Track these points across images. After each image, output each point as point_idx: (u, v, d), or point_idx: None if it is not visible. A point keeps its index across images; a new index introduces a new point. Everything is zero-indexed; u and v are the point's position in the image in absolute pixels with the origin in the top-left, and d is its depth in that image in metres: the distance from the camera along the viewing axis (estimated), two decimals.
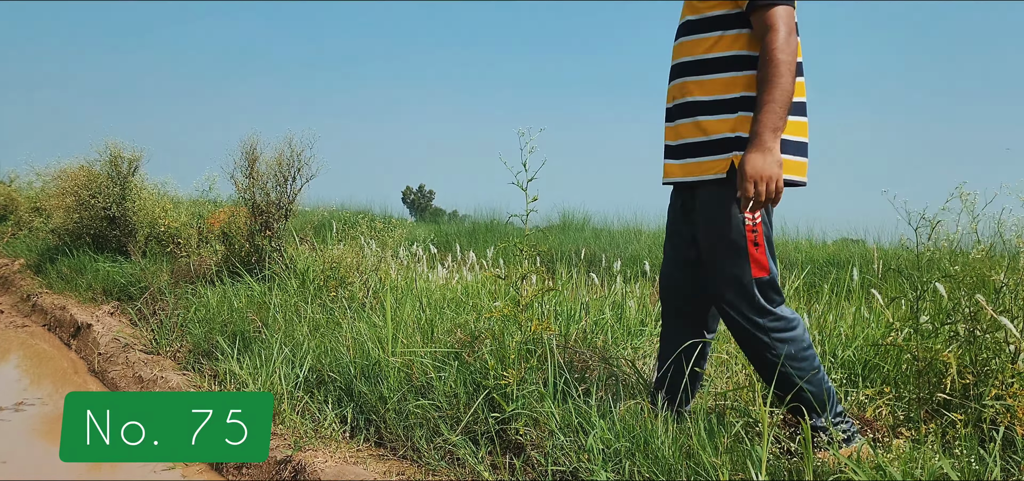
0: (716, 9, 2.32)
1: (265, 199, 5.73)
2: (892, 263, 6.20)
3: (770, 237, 2.31)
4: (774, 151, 2.14)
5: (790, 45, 2.16)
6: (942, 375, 2.47)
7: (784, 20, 2.17)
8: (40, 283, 7.67)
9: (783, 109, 2.15)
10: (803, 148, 2.32)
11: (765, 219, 2.29)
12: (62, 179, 8.43)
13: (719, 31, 2.31)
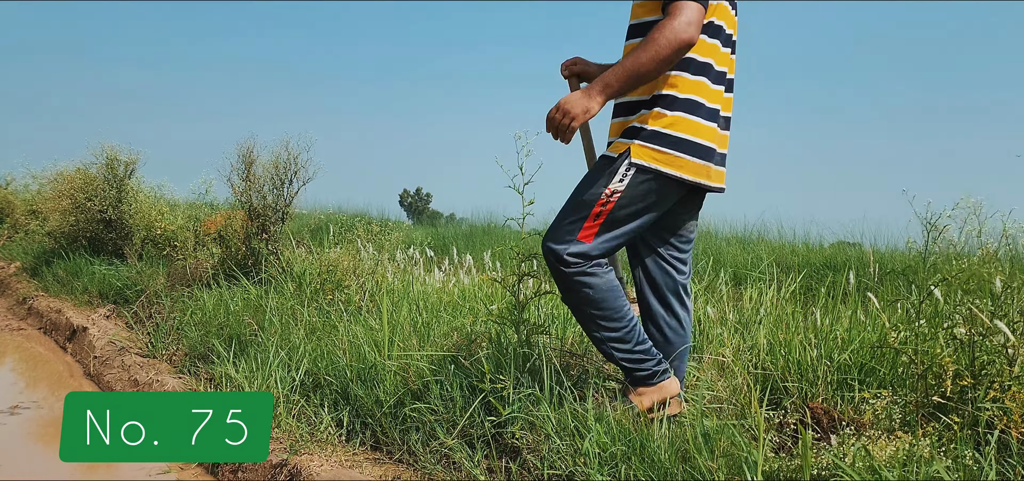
0: (647, 16, 2.45)
1: (262, 202, 5.72)
2: (888, 266, 6.22)
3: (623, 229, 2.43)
4: (592, 100, 2.29)
5: (676, 34, 2.22)
6: (939, 378, 2.48)
7: (685, 13, 2.23)
8: (36, 286, 7.65)
9: (628, 79, 2.26)
10: (702, 150, 2.40)
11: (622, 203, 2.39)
12: (58, 182, 8.43)
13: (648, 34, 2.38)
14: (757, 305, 4.07)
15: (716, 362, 3.26)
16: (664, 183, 2.40)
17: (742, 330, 3.71)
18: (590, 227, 2.41)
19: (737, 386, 3.00)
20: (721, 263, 7.70)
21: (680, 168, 2.38)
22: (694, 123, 2.39)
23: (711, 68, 2.41)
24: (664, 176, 2.39)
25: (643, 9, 2.47)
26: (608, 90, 2.29)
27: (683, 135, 2.38)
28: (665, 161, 2.38)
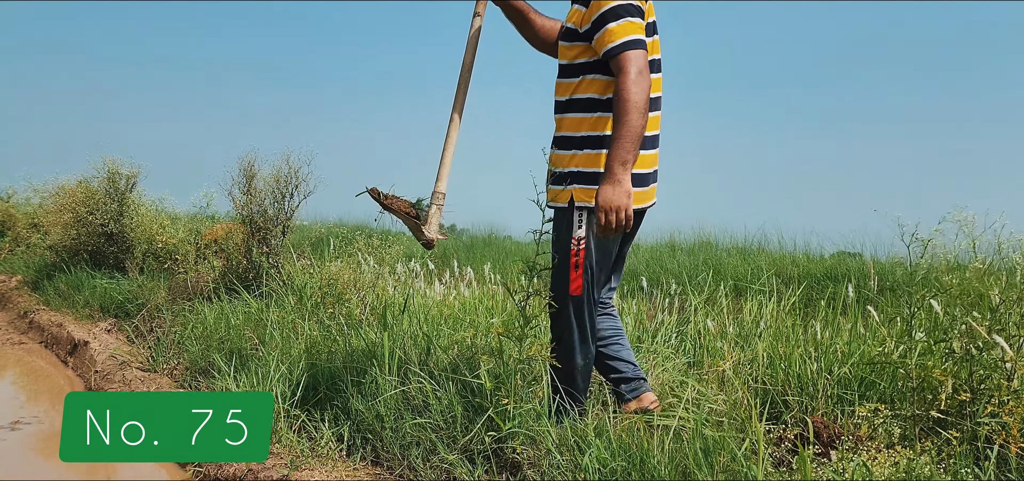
0: (580, 57, 2.60)
1: (263, 216, 5.73)
2: (889, 278, 6.22)
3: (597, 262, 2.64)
4: (624, 183, 2.42)
5: (640, 85, 2.41)
6: (938, 392, 2.48)
7: (634, 62, 2.42)
8: (37, 300, 7.66)
9: (633, 144, 2.41)
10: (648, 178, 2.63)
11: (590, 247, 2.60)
12: (60, 196, 8.45)
13: (580, 76, 2.61)
14: (757, 318, 4.08)
15: (716, 375, 3.27)
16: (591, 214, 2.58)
17: (742, 343, 3.72)
18: (576, 278, 2.62)
19: (737, 400, 3.00)
20: (721, 274, 7.71)
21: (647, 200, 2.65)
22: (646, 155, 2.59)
23: (657, 101, 2.62)
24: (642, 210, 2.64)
25: (573, 51, 2.63)
26: (628, 165, 2.43)
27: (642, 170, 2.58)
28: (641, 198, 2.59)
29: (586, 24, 2.55)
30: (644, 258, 9.06)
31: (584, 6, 2.57)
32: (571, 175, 2.61)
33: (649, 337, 3.99)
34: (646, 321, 4.29)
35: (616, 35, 2.46)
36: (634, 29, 2.47)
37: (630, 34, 2.46)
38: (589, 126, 2.59)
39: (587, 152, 2.59)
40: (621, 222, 2.45)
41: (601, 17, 2.49)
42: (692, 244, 10.09)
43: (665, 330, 4.06)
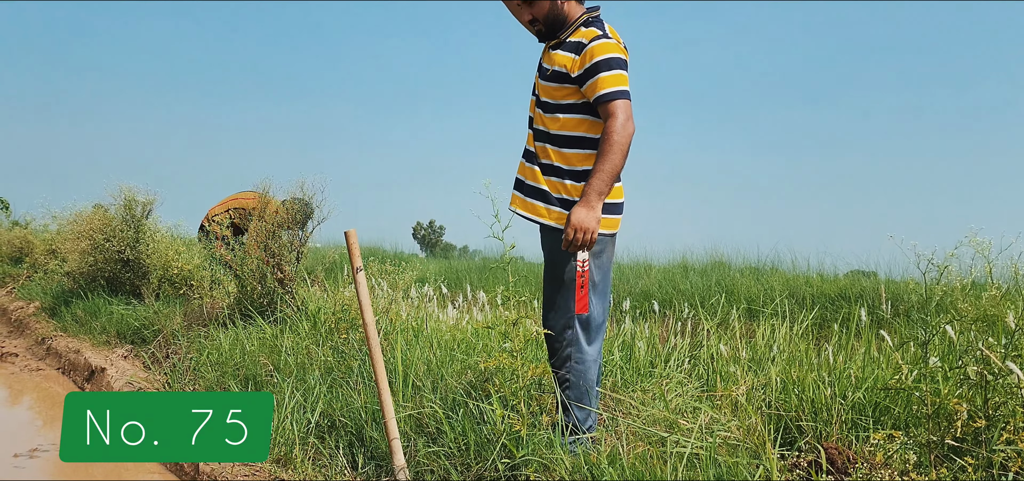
0: (569, 98, 2.89)
1: (277, 242, 5.78)
2: (903, 300, 6.19)
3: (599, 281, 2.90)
4: (596, 210, 2.75)
5: (627, 130, 2.76)
6: (953, 419, 2.47)
7: (622, 109, 2.76)
8: (55, 326, 7.73)
9: (611, 179, 2.76)
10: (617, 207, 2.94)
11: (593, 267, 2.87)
12: (77, 222, 8.53)
13: (568, 114, 2.90)
14: (770, 342, 4.07)
15: (729, 400, 3.26)
16: (609, 240, 2.94)
17: (755, 367, 3.71)
18: (582, 298, 2.86)
19: (750, 426, 3.00)
20: (734, 296, 7.70)
21: (615, 226, 2.94)
22: (617, 188, 2.93)
23: None
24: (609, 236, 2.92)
25: (562, 92, 2.90)
26: (603, 196, 2.77)
27: (615, 200, 2.91)
28: (611, 224, 2.90)
29: (578, 70, 2.83)
30: (656, 279, 9.05)
31: (576, 55, 2.85)
32: (562, 202, 2.90)
33: (661, 361, 3.99)
34: (658, 345, 4.29)
35: (608, 83, 2.78)
36: (624, 81, 2.80)
37: (620, 84, 2.79)
38: (580, 161, 2.88)
39: (581, 184, 2.86)
40: (585, 242, 2.76)
41: (594, 66, 2.79)
42: (705, 264, 10.08)
43: (677, 354, 4.05)
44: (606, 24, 2.92)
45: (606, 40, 2.82)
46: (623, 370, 3.85)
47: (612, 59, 2.79)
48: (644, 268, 10.22)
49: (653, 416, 3.10)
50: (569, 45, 2.88)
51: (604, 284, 2.96)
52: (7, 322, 8.94)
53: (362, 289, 3.04)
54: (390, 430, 2.90)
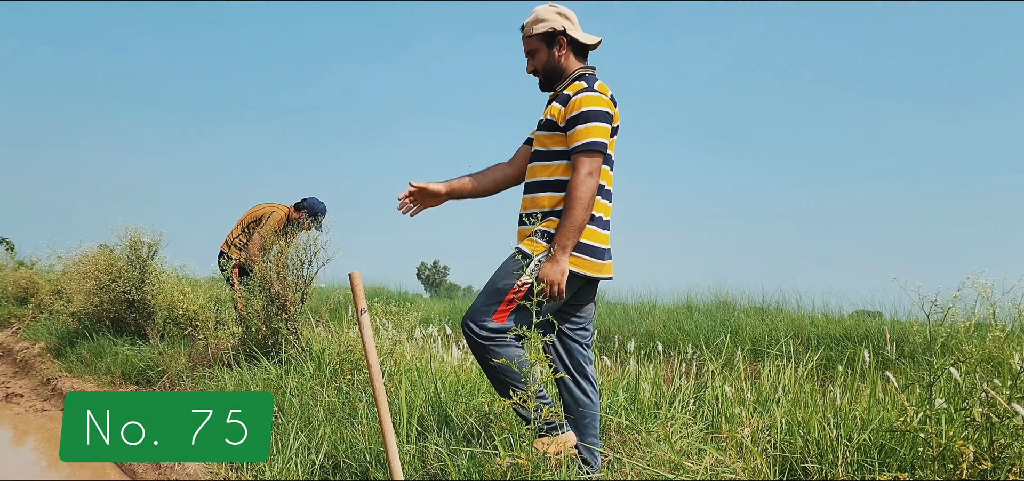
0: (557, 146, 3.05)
1: (281, 283, 5.80)
2: (908, 340, 6.17)
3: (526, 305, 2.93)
4: (561, 263, 2.86)
5: (587, 185, 2.89)
6: (959, 461, 2.46)
7: (586, 165, 2.90)
8: (60, 367, 7.74)
9: (574, 233, 2.88)
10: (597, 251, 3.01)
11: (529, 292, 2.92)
12: (82, 263, 8.57)
13: (557, 161, 3.05)
14: (775, 383, 4.06)
15: (734, 442, 3.25)
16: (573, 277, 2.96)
17: (760, 409, 3.70)
18: (503, 311, 2.94)
19: (756, 467, 2.99)
20: (739, 336, 7.68)
21: (579, 266, 2.95)
22: (592, 231, 2.98)
23: (605, 190, 3.03)
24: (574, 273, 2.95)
25: (553, 141, 3.06)
26: (567, 249, 2.88)
27: (584, 241, 2.96)
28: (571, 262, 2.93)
29: (564, 120, 2.99)
30: (661, 319, 9.04)
31: (563, 105, 3.01)
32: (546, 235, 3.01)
33: (666, 402, 3.98)
34: (663, 386, 4.28)
35: (581, 136, 2.92)
36: (598, 133, 2.92)
37: (593, 137, 2.91)
38: (557, 202, 3.01)
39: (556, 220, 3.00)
40: (554, 294, 2.87)
41: (574, 118, 2.94)
42: (709, 305, 10.07)
43: (682, 395, 4.05)
44: (598, 81, 3.06)
45: (590, 93, 2.96)
46: (628, 411, 3.84)
47: (591, 112, 2.93)
48: (648, 308, 10.22)
49: (658, 458, 3.10)
50: (561, 97, 3.04)
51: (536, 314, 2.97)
52: (12, 363, 8.95)
53: (366, 331, 3.05)
54: (394, 471, 2.90)
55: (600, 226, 3.03)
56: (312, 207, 6.84)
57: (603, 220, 3.05)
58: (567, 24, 3.12)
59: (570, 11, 3.16)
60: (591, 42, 3.15)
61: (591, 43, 3.16)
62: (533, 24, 3.14)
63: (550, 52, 3.12)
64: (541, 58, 3.13)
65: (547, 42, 3.12)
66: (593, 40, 3.16)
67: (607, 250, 3.08)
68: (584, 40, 3.13)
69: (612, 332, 8.47)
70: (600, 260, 3.03)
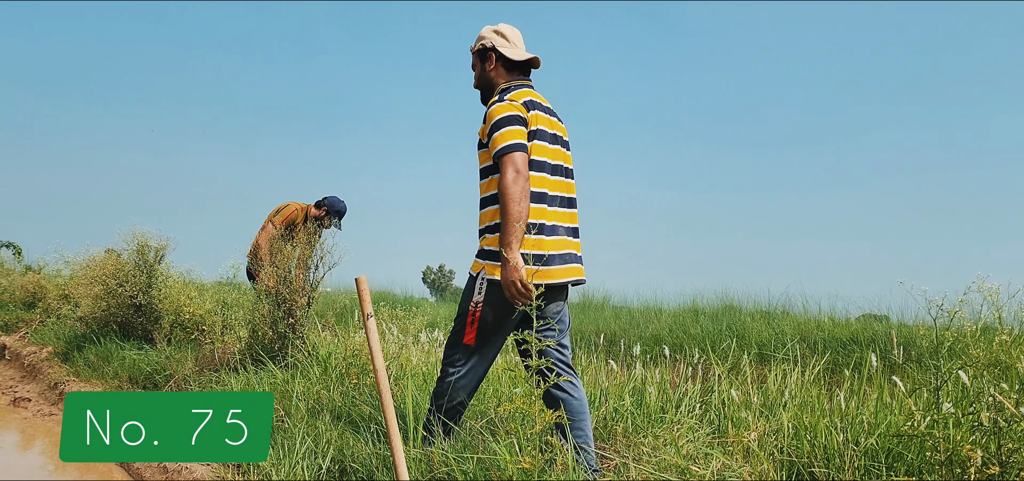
0: (486, 162, 3.21)
1: (288, 287, 5.81)
2: (915, 344, 6.15)
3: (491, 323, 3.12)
4: (511, 260, 2.92)
5: (517, 183, 2.96)
6: (966, 466, 2.46)
7: (510, 164, 2.98)
8: (67, 371, 7.76)
9: (514, 229, 2.93)
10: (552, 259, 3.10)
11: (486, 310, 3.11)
12: (90, 267, 8.60)
13: (488, 176, 3.20)
14: (782, 387, 4.06)
15: (741, 447, 3.25)
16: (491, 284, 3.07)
17: (767, 413, 3.70)
18: (470, 332, 3.14)
19: (763, 472, 2.98)
20: (745, 340, 7.67)
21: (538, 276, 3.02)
22: (537, 241, 3.07)
23: (538, 194, 3.10)
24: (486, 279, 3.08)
25: (482, 158, 3.23)
26: (513, 247, 2.95)
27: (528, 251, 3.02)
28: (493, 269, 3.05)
29: (485, 136, 3.14)
30: (667, 324, 9.03)
31: (484, 122, 3.16)
32: (480, 252, 3.18)
33: (672, 406, 3.97)
34: (669, 390, 4.28)
35: (499, 142, 3.03)
36: (514, 135, 3.03)
37: (510, 139, 3.02)
38: (491, 216, 3.15)
39: (490, 236, 3.14)
40: (516, 293, 2.94)
41: (489, 130, 3.09)
42: (715, 308, 10.05)
43: (689, 399, 4.04)
44: (520, 90, 3.20)
45: (499, 103, 3.12)
46: (634, 416, 3.84)
47: (501, 119, 3.06)
48: (654, 312, 10.21)
49: (664, 462, 3.09)
50: (485, 115, 3.20)
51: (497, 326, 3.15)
52: (20, 367, 8.99)
53: (373, 335, 3.06)
54: (400, 475, 2.90)
55: (545, 233, 3.12)
56: (333, 205, 6.91)
57: (548, 226, 3.14)
58: (498, 41, 3.30)
59: (510, 31, 3.35)
60: (520, 59, 3.29)
61: (520, 60, 3.29)
62: (475, 43, 3.38)
63: (483, 68, 3.35)
64: (476, 73, 3.39)
65: (481, 58, 3.36)
66: (523, 57, 3.29)
67: (559, 255, 3.15)
68: (514, 57, 3.28)
69: (618, 336, 8.46)
70: (547, 267, 3.10)
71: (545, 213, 3.14)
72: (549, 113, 3.24)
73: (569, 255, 3.19)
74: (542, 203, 3.14)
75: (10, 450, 5.80)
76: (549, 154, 3.18)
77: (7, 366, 9.38)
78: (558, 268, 3.14)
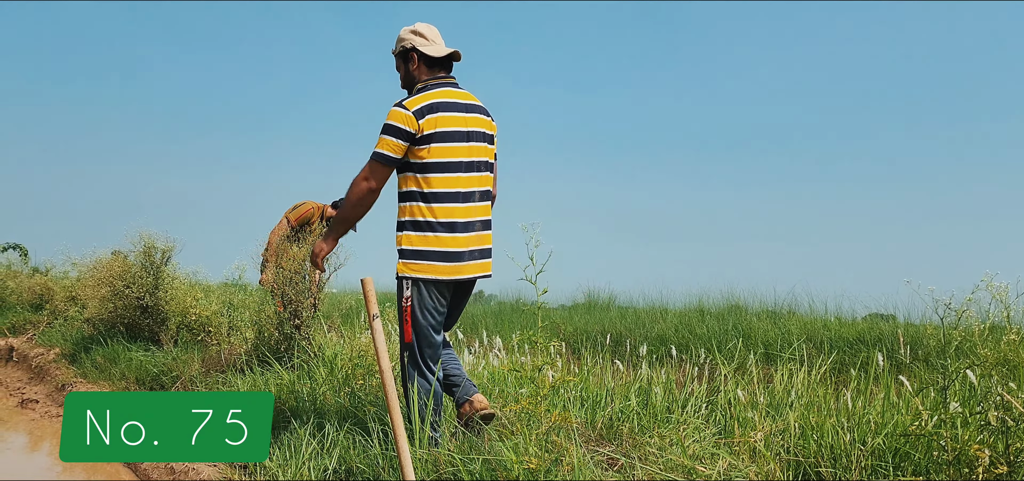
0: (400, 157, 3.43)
1: (294, 288, 5.82)
2: (922, 344, 6.13)
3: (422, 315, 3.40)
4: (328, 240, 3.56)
5: (358, 186, 3.37)
6: (974, 465, 2.45)
7: (365, 168, 3.36)
8: (75, 372, 7.79)
9: (342, 223, 3.52)
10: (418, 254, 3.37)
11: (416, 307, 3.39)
12: (97, 269, 8.63)
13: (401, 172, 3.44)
14: (788, 387, 4.04)
15: (747, 447, 3.24)
16: (425, 284, 3.37)
17: (773, 413, 3.69)
18: (407, 329, 3.42)
19: (769, 472, 2.98)
20: (751, 340, 7.65)
21: (430, 272, 3.35)
22: (438, 238, 3.33)
23: (448, 194, 3.34)
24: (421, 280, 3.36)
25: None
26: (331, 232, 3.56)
27: (429, 248, 3.34)
28: (418, 269, 3.35)
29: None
30: (673, 323, 9.01)
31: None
32: (399, 252, 3.42)
33: (678, 406, 3.96)
34: (675, 390, 4.27)
35: (376, 145, 3.34)
36: (381, 144, 3.32)
37: (376, 148, 3.33)
38: (403, 213, 3.43)
39: (405, 234, 3.40)
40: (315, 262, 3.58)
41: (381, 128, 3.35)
42: (721, 308, 10.03)
43: (695, 399, 4.03)
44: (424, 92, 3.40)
45: (392, 109, 3.35)
46: (640, 416, 3.83)
47: (385, 126, 3.33)
48: (660, 312, 10.19)
49: (671, 462, 3.09)
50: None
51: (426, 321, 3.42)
52: (28, 369, 9.03)
53: (378, 336, 3.07)
54: (407, 475, 2.91)
55: (458, 231, 3.37)
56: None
57: (460, 223, 3.37)
58: (417, 41, 3.48)
59: (428, 29, 3.53)
60: (440, 55, 3.48)
61: (440, 56, 3.48)
62: (396, 45, 3.57)
63: (407, 68, 3.54)
64: (401, 74, 3.58)
65: (404, 59, 3.55)
66: (443, 53, 3.48)
67: (468, 252, 3.40)
68: (433, 54, 3.47)
69: (624, 336, 8.45)
70: (454, 263, 3.37)
71: (457, 212, 3.37)
72: (465, 110, 3.43)
73: (479, 251, 3.46)
74: (454, 202, 3.36)
75: (18, 451, 5.82)
76: (461, 152, 3.38)
77: (15, 368, 9.43)
78: (469, 264, 3.41)
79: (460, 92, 3.49)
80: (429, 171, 3.33)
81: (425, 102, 3.34)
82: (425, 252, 3.35)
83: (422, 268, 3.36)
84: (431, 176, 3.33)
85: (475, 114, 3.48)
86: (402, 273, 3.39)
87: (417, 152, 3.33)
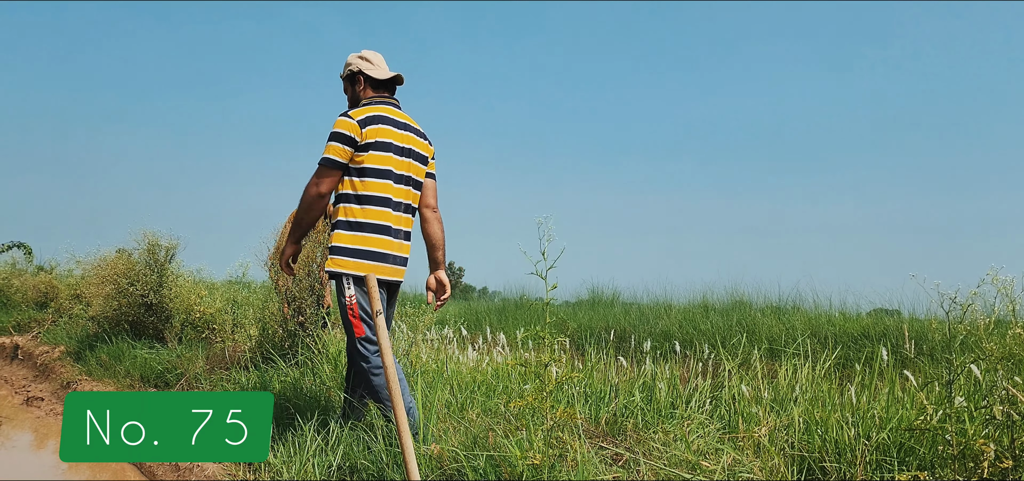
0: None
1: (298, 285, 5.83)
2: (927, 338, 6.12)
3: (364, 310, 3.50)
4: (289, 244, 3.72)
5: (307, 192, 3.56)
6: (979, 460, 2.44)
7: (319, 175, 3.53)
8: (79, 370, 7.80)
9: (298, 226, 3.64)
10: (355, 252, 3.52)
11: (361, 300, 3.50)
12: (101, 267, 8.64)
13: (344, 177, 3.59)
14: (792, 382, 4.04)
15: (752, 442, 3.24)
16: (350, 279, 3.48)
17: (777, 408, 3.68)
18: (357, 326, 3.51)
19: (773, 467, 2.97)
20: (755, 335, 7.64)
21: (365, 270, 3.45)
22: (375, 239, 3.51)
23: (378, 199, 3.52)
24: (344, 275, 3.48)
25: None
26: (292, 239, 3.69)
27: (361, 247, 3.50)
28: (354, 267, 3.48)
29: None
30: (677, 319, 9.01)
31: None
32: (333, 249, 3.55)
33: (683, 402, 3.96)
34: (679, 386, 4.26)
35: (324, 151, 3.53)
36: (329, 150, 3.52)
37: (328, 154, 3.52)
38: (340, 213, 3.57)
39: (336, 232, 3.56)
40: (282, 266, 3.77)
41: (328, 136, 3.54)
42: (725, 304, 10.02)
43: (699, 395, 4.03)
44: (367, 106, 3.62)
45: (339, 118, 3.55)
46: (644, 411, 3.83)
47: (332, 133, 3.53)
48: (664, 308, 10.18)
49: (675, 457, 3.09)
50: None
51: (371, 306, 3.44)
52: (33, 367, 9.05)
53: (382, 333, 3.07)
54: (411, 472, 2.91)
55: (391, 235, 3.56)
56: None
57: (393, 229, 3.57)
58: (363, 65, 3.73)
59: (373, 55, 3.77)
60: (384, 77, 3.72)
61: (384, 78, 3.72)
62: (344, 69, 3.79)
63: (353, 89, 3.79)
64: (349, 96, 3.81)
65: (351, 82, 3.79)
66: (387, 75, 3.73)
67: (393, 256, 3.58)
68: (378, 76, 3.71)
69: (628, 332, 8.45)
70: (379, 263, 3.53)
71: (390, 217, 3.57)
72: (404, 128, 3.65)
73: (400, 258, 3.65)
74: (387, 207, 3.56)
75: (23, 449, 5.84)
76: (395, 165, 3.59)
77: (20, 366, 9.45)
78: (391, 267, 3.60)
79: (400, 112, 3.73)
80: (365, 176, 3.53)
81: (368, 114, 3.58)
82: (358, 250, 3.52)
83: (357, 266, 3.51)
84: (367, 180, 3.52)
85: (412, 134, 3.70)
86: (339, 269, 3.51)
87: (357, 158, 3.53)
